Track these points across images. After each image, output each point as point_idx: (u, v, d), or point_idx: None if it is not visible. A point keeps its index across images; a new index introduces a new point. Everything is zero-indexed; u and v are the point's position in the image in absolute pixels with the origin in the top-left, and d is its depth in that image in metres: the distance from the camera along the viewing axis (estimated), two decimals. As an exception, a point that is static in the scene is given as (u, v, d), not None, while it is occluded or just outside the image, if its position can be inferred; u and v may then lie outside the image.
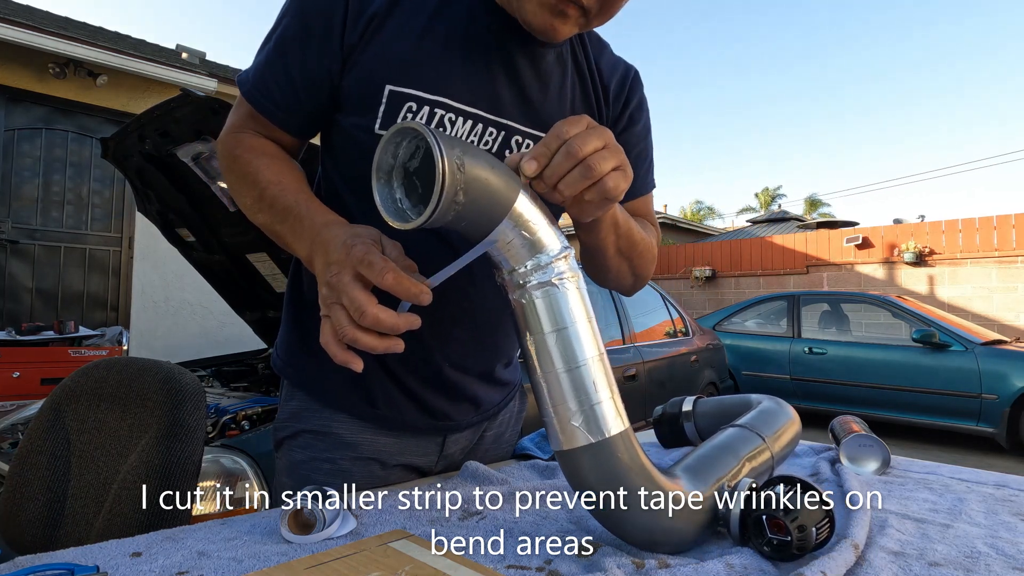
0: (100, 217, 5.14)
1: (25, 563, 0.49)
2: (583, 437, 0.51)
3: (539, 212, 0.51)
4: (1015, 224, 7.64)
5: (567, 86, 0.76)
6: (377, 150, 0.49)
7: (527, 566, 0.52)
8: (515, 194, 0.49)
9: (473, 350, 0.79)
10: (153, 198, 2.59)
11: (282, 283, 2.71)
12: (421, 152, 0.49)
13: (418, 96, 0.66)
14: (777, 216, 17.54)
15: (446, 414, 0.81)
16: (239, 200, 0.70)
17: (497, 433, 0.92)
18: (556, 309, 0.51)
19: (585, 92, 0.78)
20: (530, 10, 0.63)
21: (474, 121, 0.69)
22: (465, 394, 0.81)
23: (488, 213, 0.48)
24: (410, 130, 0.47)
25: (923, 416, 5.14)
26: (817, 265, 9.27)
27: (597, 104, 0.79)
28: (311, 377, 0.79)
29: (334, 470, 0.77)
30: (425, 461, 0.83)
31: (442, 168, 0.43)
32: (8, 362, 3.55)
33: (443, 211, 0.45)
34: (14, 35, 4.35)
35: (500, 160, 0.51)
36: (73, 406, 1.03)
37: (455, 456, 0.87)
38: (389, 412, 0.78)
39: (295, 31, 0.67)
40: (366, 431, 0.78)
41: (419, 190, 0.50)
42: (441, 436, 0.83)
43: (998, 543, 0.59)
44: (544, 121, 0.74)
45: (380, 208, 0.48)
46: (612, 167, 0.52)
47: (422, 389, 0.78)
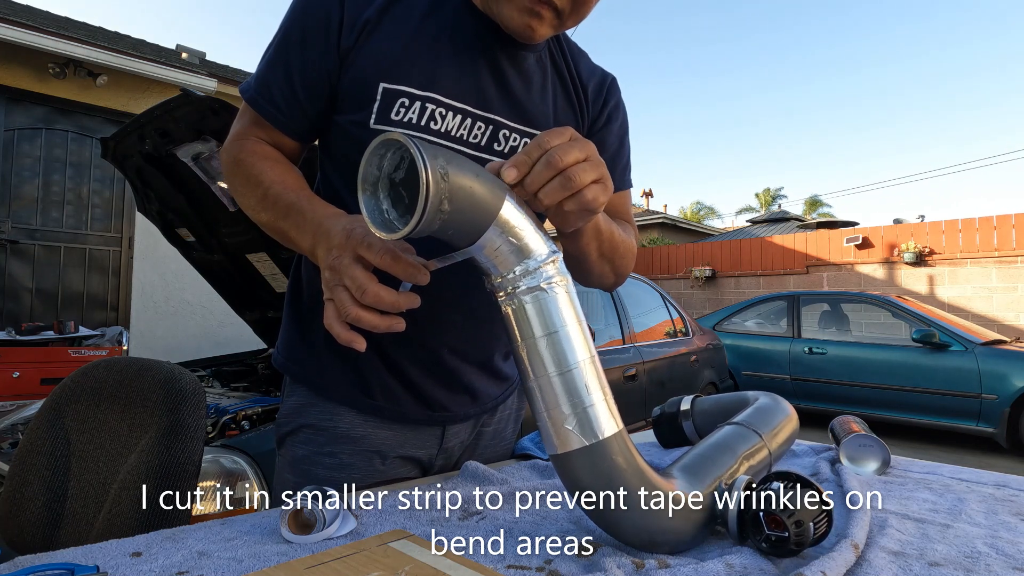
0: (100, 217, 5.14)
1: (25, 563, 0.49)
2: (577, 440, 0.51)
3: (525, 218, 0.51)
4: (1015, 224, 7.64)
5: (548, 86, 0.80)
6: (362, 162, 0.49)
7: (527, 566, 0.52)
8: (500, 201, 0.49)
9: (470, 337, 0.81)
10: (153, 198, 2.59)
11: (282, 283, 2.71)
12: (406, 163, 0.50)
13: (410, 92, 0.70)
14: (777, 216, 17.55)
15: (443, 405, 0.82)
16: (242, 201, 0.72)
17: (496, 429, 0.92)
18: (546, 313, 0.51)
19: (566, 91, 0.82)
20: (507, 14, 0.68)
21: (463, 116, 0.73)
22: (462, 383, 0.83)
23: (474, 221, 0.48)
24: (394, 141, 0.47)
25: (923, 416, 5.14)
26: (817, 265, 9.27)
27: (578, 102, 0.83)
28: (311, 372, 0.81)
29: (335, 464, 0.78)
30: (425, 454, 0.84)
31: (426, 178, 0.43)
32: (8, 362, 3.55)
33: (429, 220, 0.45)
34: (14, 35, 4.36)
35: (483, 166, 0.52)
36: (73, 406, 1.03)
37: (455, 450, 0.87)
38: (387, 404, 0.80)
39: (295, 39, 0.71)
40: (366, 424, 0.79)
41: (405, 200, 0.50)
42: (440, 428, 0.84)
43: (998, 543, 0.59)
44: (529, 117, 0.78)
45: (367, 219, 0.49)
46: (592, 179, 0.53)
47: (420, 378, 0.80)
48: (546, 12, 0.67)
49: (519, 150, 0.78)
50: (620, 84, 0.90)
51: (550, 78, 0.80)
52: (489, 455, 0.91)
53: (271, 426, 1.76)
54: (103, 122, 5.08)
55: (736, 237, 13.10)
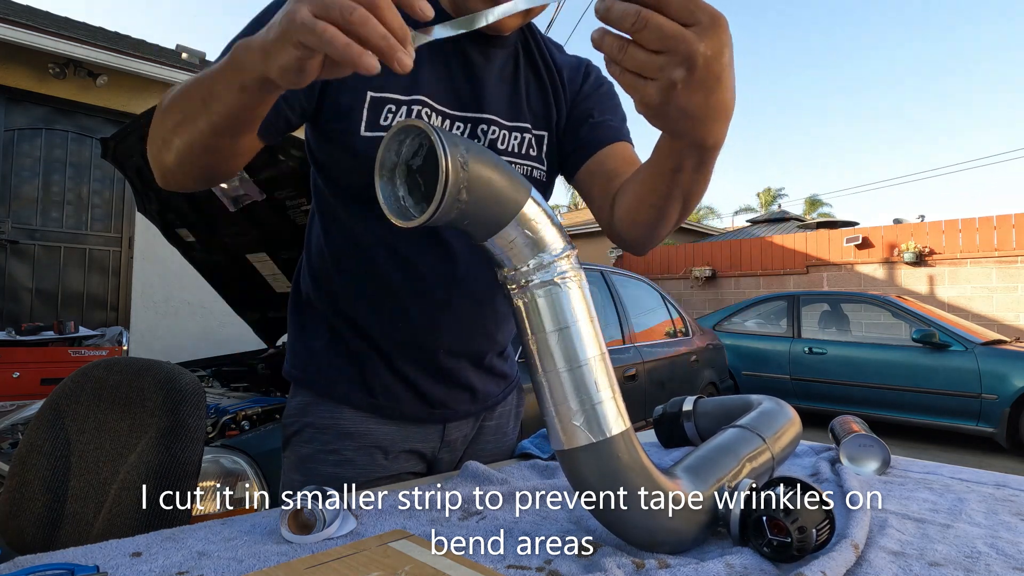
0: (100, 217, 5.14)
1: (25, 563, 0.49)
2: (584, 436, 0.51)
3: (543, 211, 0.51)
4: (1015, 224, 7.63)
5: (521, 78, 0.82)
6: (380, 147, 0.49)
7: (527, 566, 0.52)
8: (524, 197, 0.49)
9: (464, 335, 0.82)
10: (153, 198, 2.59)
11: (282, 283, 2.71)
12: (424, 150, 0.49)
13: (396, 99, 0.72)
14: (777, 216, 17.52)
15: (443, 402, 0.84)
16: (164, 130, 0.60)
17: (498, 424, 0.94)
18: (558, 308, 0.51)
19: (539, 80, 0.83)
20: (474, 7, 0.69)
21: (443, 116, 0.75)
22: (460, 381, 0.84)
23: (494, 213, 0.48)
24: (414, 128, 0.46)
25: (923, 416, 5.14)
26: (817, 265, 9.27)
27: (552, 86, 0.84)
28: (312, 374, 0.83)
29: (339, 460, 0.80)
30: (428, 448, 0.86)
31: (445, 165, 0.43)
32: (8, 362, 3.55)
33: (446, 209, 0.44)
34: (14, 35, 4.36)
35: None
36: (73, 406, 1.03)
37: (457, 443, 0.89)
38: (387, 402, 0.81)
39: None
40: (367, 421, 0.81)
41: (421, 188, 0.50)
42: (440, 425, 0.86)
43: (998, 543, 0.59)
44: (503, 109, 0.79)
45: (383, 205, 0.48)
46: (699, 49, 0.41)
47: (419, 377, 0.82)
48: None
49: (505, 138, 0.79)
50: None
51: (522, 69, 0.82)
52: (492, 449, 0.93)
53: (271, 426, 1.76)
54: (103, 122, 5.08)
55: (736, 237, 13.09)
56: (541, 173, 0.83)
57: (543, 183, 0.83)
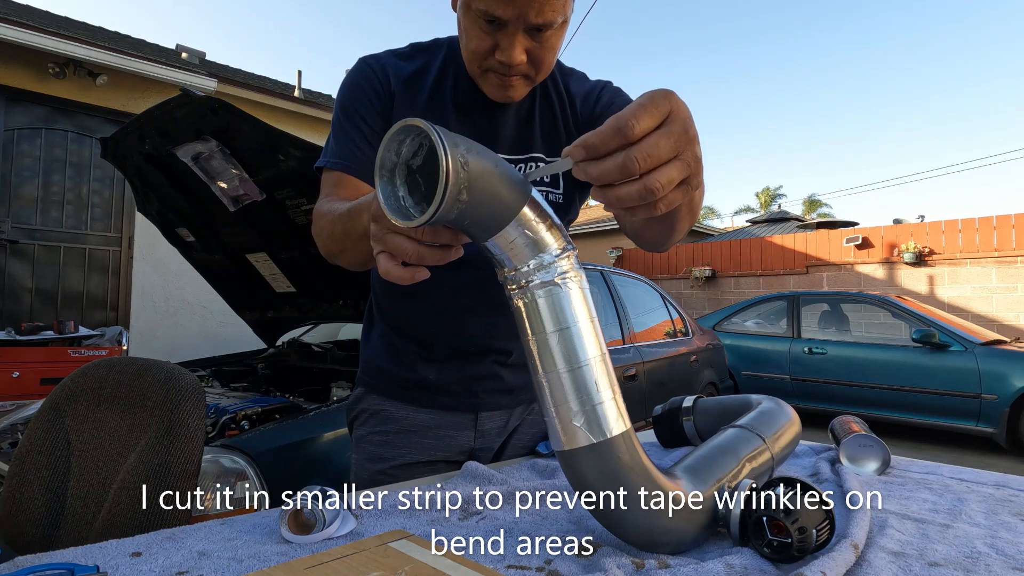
0: (100, 217, 5.14)
1: (25, 563, 0.49)
2: (584, 437, 0.51)
3: (543, 212, 0.51)
4: (1015, 224, 7.63)
5: (536, 112, 0.90)
6: (380, 148, 0.49)
7: (527, 566, 0.52)
8: (524, 198, 0.49)
9: (490, 334, 0.92)
10: (153, 198, 2.59)
11: (282, 283, 2.71)
12: (424, 150, 0.49)
13: None
14: (777, 216, 17.50)
15: (473, 393, 0.94)
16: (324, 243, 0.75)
17: (534, 419, 1.00)
18: (558, 309, 0.51)
19: (550, 106, 0.90)
20: (487, 89, 0.82)
21: None
22: (487, 376, 0.94)
23: (494, 213, 0.48)
24: (413, 127, 0.46)
25: (923, 416, 5.13)
26: (817, 265, 9.27)
27: (563, 114, 0.91)
28: (364, 375, 1.00)
29: (384, 441, 0.94)
30: (463, 435, 0.95)
31: (446, 165, 0.43)
32: (8, 362, 3.54)
33: (447, 209, 0.44)
34: (14, 35, 4.35)
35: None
36: (73, 406, 1.03)
37: (492, 434, 0.96)
38: (420, 393, 0.94)
39: (351, 111, 0.84)
40: (405, 408, 0.95)
41: (422, 188, 0.49)
42: (472, 414, 0.95)
43: (998, 543, 0.59)
44: (519, 144, 0.88)
45: (383, 205, 0.48)
46: (678, 182, 0.44)
47: (449, 371, 0.93)
48: (516, 82, 0.79)
49: (521, 170, 0.84)
50: (627, 92, 0.94)
51: (537, 101, 0.90)
52: (528, 442, 1.00)
53: (271, 426, 1.76)
54: (103, 122, 5.08)
55: (736, 237, 13.09)
56: (557, 196, 0.89)
57: (560, 205, 0.90)
